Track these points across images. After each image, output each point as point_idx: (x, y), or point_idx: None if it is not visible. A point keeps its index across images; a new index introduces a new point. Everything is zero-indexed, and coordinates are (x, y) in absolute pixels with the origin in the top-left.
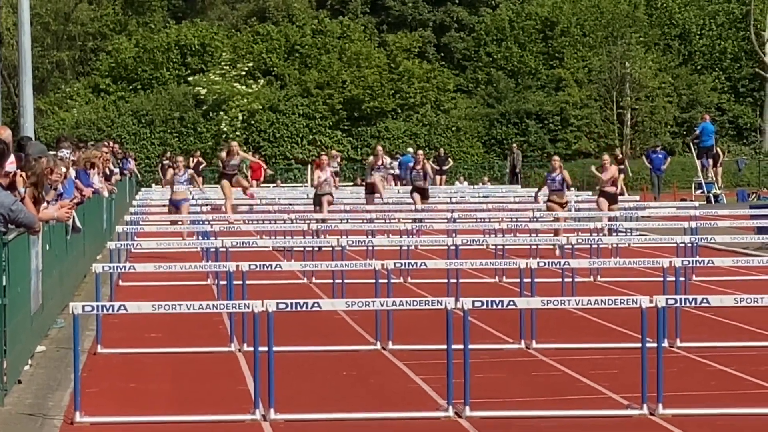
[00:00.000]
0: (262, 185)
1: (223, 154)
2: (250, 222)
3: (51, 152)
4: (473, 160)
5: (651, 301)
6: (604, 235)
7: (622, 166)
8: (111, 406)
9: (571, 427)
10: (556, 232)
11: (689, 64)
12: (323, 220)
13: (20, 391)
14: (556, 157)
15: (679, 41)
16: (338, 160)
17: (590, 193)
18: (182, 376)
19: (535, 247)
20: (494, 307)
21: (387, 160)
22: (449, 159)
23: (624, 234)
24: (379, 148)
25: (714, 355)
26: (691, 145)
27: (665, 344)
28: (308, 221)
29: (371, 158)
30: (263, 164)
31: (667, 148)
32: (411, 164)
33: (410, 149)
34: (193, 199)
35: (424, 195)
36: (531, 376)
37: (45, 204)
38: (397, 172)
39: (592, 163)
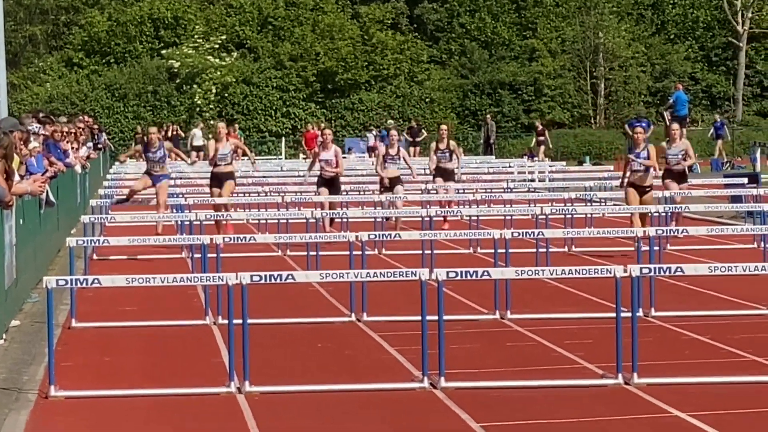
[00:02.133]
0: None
1: (211, 144)
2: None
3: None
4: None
5: (625, 271)
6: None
7: (542, 138)
8: (86, 380)
9: (546, 397)
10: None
11: (662, 33)
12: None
13: None
14: (639, 129)
15: (652, 10)
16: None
17: (564, 163)
18: (157, 350)
19: (509, 218)
20: (468, 277)
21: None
22: (423, 130)
23: (598, 204)
24: (394, 132)
25: (688, 324)
26: (665, 114)
27: (640, 314)
28: (282, 194)
29: (382, 147)
30: (252, 157)
31: (648, 117)
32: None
33: (391, 121)
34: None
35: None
36: (506, 346)
37: (18, 178)
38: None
39: (566, 134)
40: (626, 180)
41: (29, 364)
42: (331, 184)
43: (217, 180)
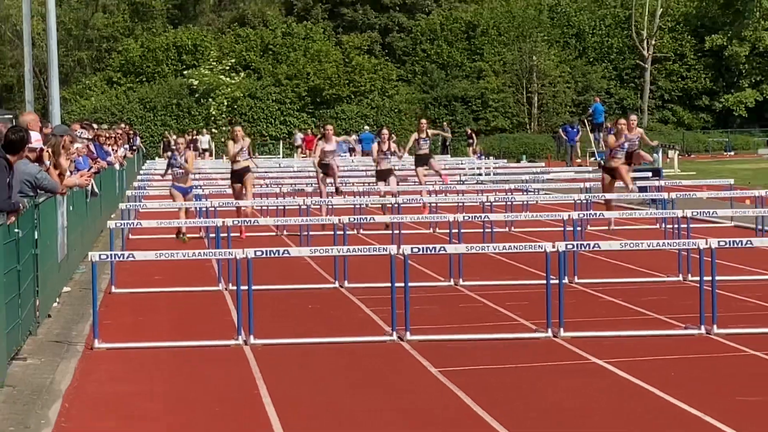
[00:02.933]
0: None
1: (230, 144)
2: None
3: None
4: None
5: (553, 247)
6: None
7: (471, 140)
8: (122, 335)
9: (491, 347)
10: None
11: (583, 57)
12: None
13: (50, 324)
14: (633, 117)
15: (575, 39)
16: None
17: (505, 161)
18: (179, 311)
19: (461, 204)
20: (428, 252)
21: (393, 146)
22: (393, 135)
23: (533, 192)
24: (385, 131)
25: (604, 289)
26: (586, 121)
27: (565, 281)
28: (280, 185)
29: (375, 145)
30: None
31: (579, 124)
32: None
33: (366, 127)
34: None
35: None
36: (458, 307)
37: (68, 173)
38: (357, 147)
39: (507, 137)
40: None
41: (77, 322)
42: (328, 167)
43: (237, 176)
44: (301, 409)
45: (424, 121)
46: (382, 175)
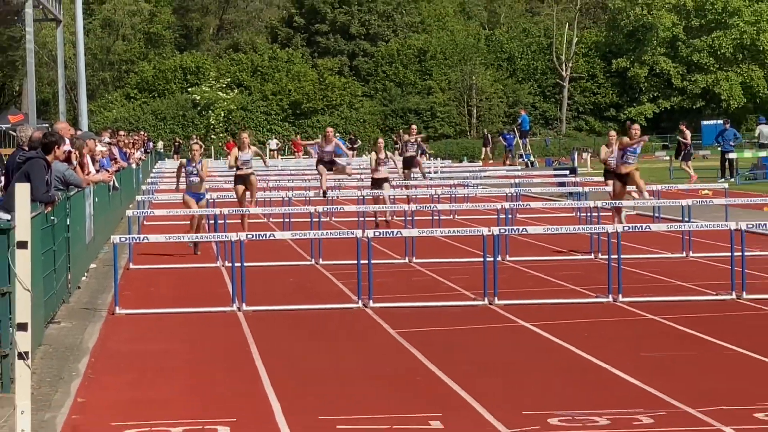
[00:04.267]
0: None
1: (235, 151)
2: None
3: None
4: (374, 141)
5: (489, 231)
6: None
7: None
8: (138, 303)
9: (438, 313)
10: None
11: (513, 77)
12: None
13: (79, 294)
14: (636, 126)
15: (506, 62)
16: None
17: (450, 161)
18: (184, 283)
19: (414, 196)
20: (388, 236)
21: (388, 153)
22: (358, 140)
23: (472, 187)
24: (381, 141)
25: (530, 266)
26: (515, 129)
27: (499, 259)
28: (267, 181)
29: (372, 154)
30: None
31: (512, 132)
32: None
33: (338, 134)
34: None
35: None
36: (412, 280)
37: (93, 171)
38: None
39: (451, 142)
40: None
41: (102, 292)
42: (330, 164)
43: (241, 179)
44: (284, 361)
45: (414, 127)
46: (378, 183)
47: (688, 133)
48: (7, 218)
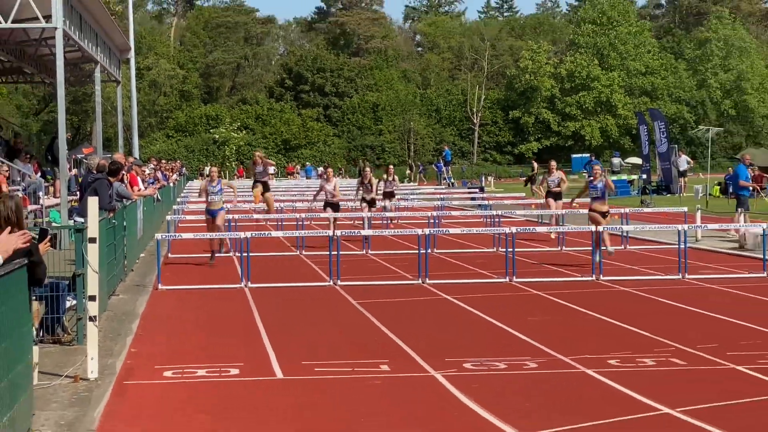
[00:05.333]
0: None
1: (252, 165)
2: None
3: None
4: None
5: (422, 231)
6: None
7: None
8: (175, 281)
9: (387, 289)
10: (599, 242)
11: (441, 123)
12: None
13: (132, 275)
14: (598, 166)
15: (435, 112)
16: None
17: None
18: (207, 268)
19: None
20: (352, 234)
21: (374, 180)
22: (330, 169)
23: (412, 200)
24: (367, 169)
25: (452, 256)
26: (441, 160)
27: (429, 251)
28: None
29: (384, 176)
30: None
31: (440, 161)
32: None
33: (308, 163)
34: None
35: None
36: (368, 266)
37: (142, 187)
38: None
39: (396, 170)
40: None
41: (149, 274)
42: (334, 206)
43: (260, 184)
44: (278, 323)
45: (391, 167)
46: (368, 201)
47: (536, 165)
48: (81, 221)
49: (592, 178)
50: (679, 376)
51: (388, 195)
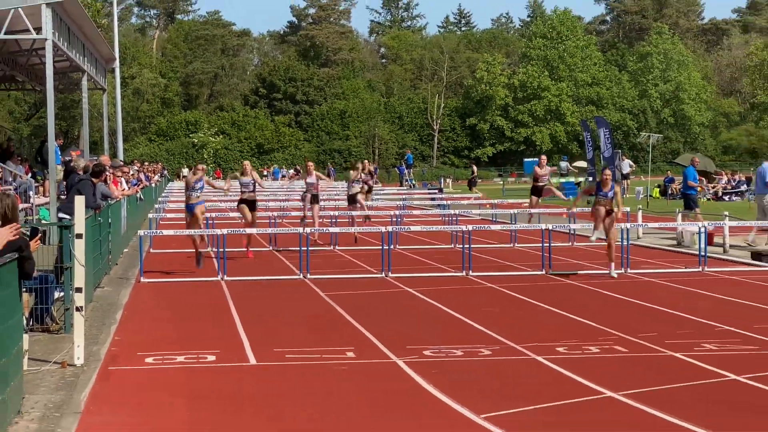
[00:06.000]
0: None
1: (237, 174)
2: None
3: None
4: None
5: (386, 229)
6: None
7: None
8: (156, 275)
9: (352, 282)
10: (609, 252)
11: (402, 129)
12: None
13: (117, 268)
14: (609, 171)
15: (398, 119)
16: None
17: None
18: (186, 262)
19: (336, 206)
20: (321, 231)
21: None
22: (301, 171)
23: (378, 199)
24: (358, 165)
25: (413, 251)
26: (404, 163)
27: (393, 247)
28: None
29: (352, 172)
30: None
31: (403, 165)
32: (292, 173)
33: (275, 165)
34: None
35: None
36: (336, 261)
37: (126, 187)
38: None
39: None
40: (575, 207)
41: (132, 267)
42: (314, 198)
43: (246, 202)
44: (251, 313)
45: (366, 162)
46: (354, 198)
47: (475, 168)
48: (68, 218)
49: (600, 183)
50: (621, 363)
51: (354, 198)
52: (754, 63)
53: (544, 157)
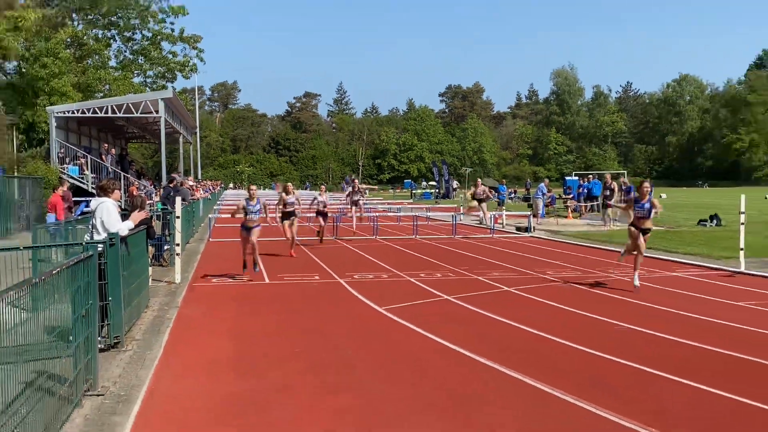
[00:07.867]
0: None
1: (283, 194)
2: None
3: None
4: (295, 187)
5: (359, 224)
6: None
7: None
8: (211, 269)
9: (321, 246)
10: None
11: (344, 165)
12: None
13: (197, 234)
14: (647, 184)
15: (342, 160)
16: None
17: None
18: (234, 256)
19: (316, 209)
20: (308, 225)
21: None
22: (289, 184)
23: (364, 205)
24: (356, 182)
25: (395, 242)
26: (346, 184)
27: (339, 224)
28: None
29: (349, 188)
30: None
31: (345, 185)
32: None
33: (273, 182)
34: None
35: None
36: (321, 249)
37: (202, 193)
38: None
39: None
40: (624, 212)
41: (205, 233)
42: (291, 214)
43: (287, 215)
44: (273, 264)
45: (357, 180)
46: (354, 202)
47: (356, 184)
48: (167, 208)
49: (638, 195)
50: (452, 282)
51: (355, 203)
52: (519, 134)
53: (479, 180)
